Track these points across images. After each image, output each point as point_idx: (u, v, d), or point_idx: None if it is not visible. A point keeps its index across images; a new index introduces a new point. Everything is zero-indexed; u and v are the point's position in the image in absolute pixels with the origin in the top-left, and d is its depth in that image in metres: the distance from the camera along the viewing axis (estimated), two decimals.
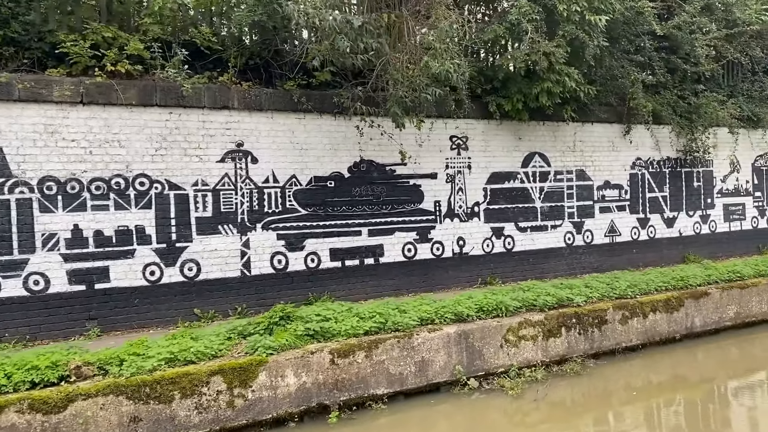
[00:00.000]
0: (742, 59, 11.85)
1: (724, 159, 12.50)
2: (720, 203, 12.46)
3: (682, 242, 11.96)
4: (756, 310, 8.83)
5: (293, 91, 8.14)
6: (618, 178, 11.18)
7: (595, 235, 10.88)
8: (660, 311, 7.88)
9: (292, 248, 8.28)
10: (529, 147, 10.23)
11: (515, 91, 9.42)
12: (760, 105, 12.76)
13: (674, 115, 11.38)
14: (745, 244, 12.77)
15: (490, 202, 9.87)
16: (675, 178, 11.86)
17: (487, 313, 6.92)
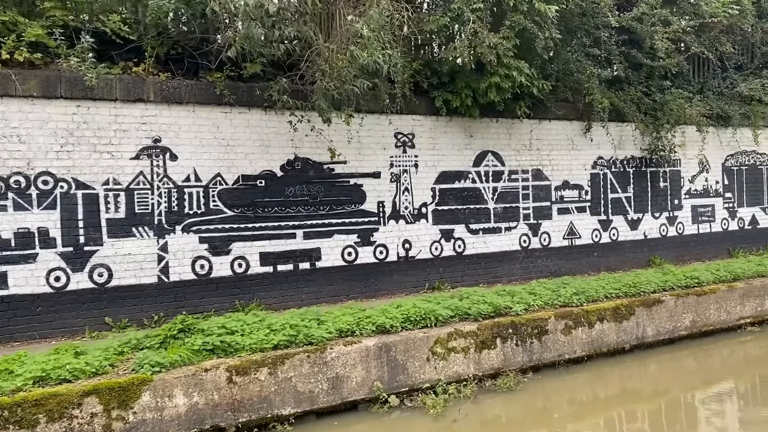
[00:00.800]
0: (709, 54, 11.34)
1: (693, 158, 11.99)
2: (688, 204, 11.95)
3: (647, 245, 11.45)
4: (714, 319, 8.31)
5: (217, 82, 7.55)
6: (578, 178, 10.64)
7: (552, 237, 10.34)
8: (608, 320, 7.34)
9: (217, 252, 7.69)
10: (481, 145, 9.68)
11: (463, 86, 8.86)
12: (730, 103, 12.26)
13: (638, 113, 10.85)
14: (715, 246, 12.27)
15: (438, 203, 9.31)
16: (640, 178, 11.34)
17: (415, 323, 6.36)
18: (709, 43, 12.02)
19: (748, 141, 12.53)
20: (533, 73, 8.95)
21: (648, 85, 11.36)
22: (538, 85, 9.21)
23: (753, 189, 12.77)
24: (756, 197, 12.83)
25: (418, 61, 8.58)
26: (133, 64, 7.34)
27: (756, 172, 12.82)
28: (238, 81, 7.83)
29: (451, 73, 8.93)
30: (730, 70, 12.74)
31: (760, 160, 12.86)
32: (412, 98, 8.68)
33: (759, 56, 13.03)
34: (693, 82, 12.37)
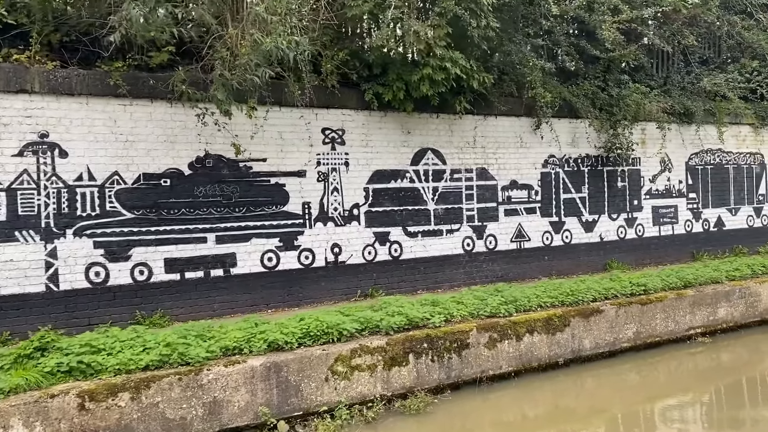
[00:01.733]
0: (668, 47, 10.75)
1: (654, 157, 11.38)
2: (648, 205, 11.35)
3: (603, 248, 10.84)
4: (661, 329, 7.70)
5: (113, 72, 6.87)
6: (527, 177, 10.02)
7: (499, 240, 9.71)
8: (539, 332, 6.71)
9: (115, 258, 7.01)
10: (420, 142, 9.04)
11: (395, 78, 8.20)
12: (693, 98, 11.67)
13: (592, 108, 10.24)
14: (678, 249, 11.69)
15: (372, 204, 8.66)
16: (596, 177, 10.73)
17: (315, 339, 5.72)
18: (671, 35, 11.45)
19: (713, 139, 11.94)
20: (472, 65, 8.31)
21: (605, 80, 10.76)
22: (479, 78, 8.57)
23: (719, 189, 12.20)
24: (722, 198, 12.25)
25: (345, 51, 7.92)
26: (17, 51, 6.66)
27: (722, 172, 12.24)
28: (144, 71, 7.17)
29: (382, 65, 8.28)
30: (695, 65, 12.16)
31: (726, 159, 12.29)
32: (333, 91, 8.01)
33: (725, 50, 12.46)
34: (656, 77, 11.78)
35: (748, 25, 12.27)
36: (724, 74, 11.57)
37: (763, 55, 12.11)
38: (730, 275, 8.78)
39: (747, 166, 12.53)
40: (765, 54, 12.07)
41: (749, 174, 12.56)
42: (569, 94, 10.02)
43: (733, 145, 12.36)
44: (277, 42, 6.00)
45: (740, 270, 8.93)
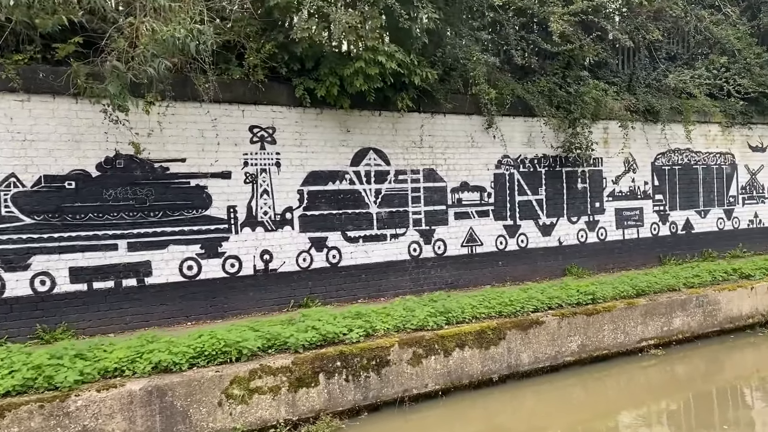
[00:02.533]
0: (629, 42, 10.24)
1: (617, 157, 10.90)
2: (611, 207, 10.85)
3: (562, 253, 10.34)
4: (609, 342, 7.19)
5: (7, 66, 6.30)
6: (479, 178, 9.50)
7: (448, 245, 9.19)
8: (470, 347, 6.18)
9: (11, 267, 6.42)
10: (361, 141, 8.50)
11: (327, 73, 7.67)
12: (658, 96, 11.19)
13: (548, 106, 9.74)
14: (643, 253, 11.19)
15: (307, 208, 8.12)
16: (554, 178, 10.23)
17: (211, 358, 5.18)
18: (635, 29, 10.97)
19: (681, 138, 11.46)
20: (413, 59, 7.79)
21: (564, 76, 10.27)
22: (421, 74, 8.04)
23: (687, 190, 11.71)
24: (691, 199, 11.77)
25: (272, 44, 7.37)
26: None
27: (690, 172, 11.76)
28: (49, 65, 6.60)
29: (315, 58, 7.74)
30: (662, 61, 11.69)
31: (694, 159, 11.81)
32: (262, 86, 7.48)
33: (694, 46, 11.99)
34: (621, 74, 11.30)
35: (717, 19, 11.80)
36: (691, 71, 11.10)
37: (732, 51, 11.66)
38: (688, 282, 8.28)
39: (717, 167, 12.06)
40: (734, 50, 11.61)
41: (719, 175, 12.09)
42: (523, 91, 9.50)
43: (702, 145, 11.88)
44: (174, 31, 5.46)
45: (700, 276, 8.44)
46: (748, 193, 12.40)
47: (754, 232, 12.47)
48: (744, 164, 12.35)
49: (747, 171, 12.39)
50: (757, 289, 8.45)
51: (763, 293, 8.51)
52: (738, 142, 12.29)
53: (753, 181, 12.47)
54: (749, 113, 12.20)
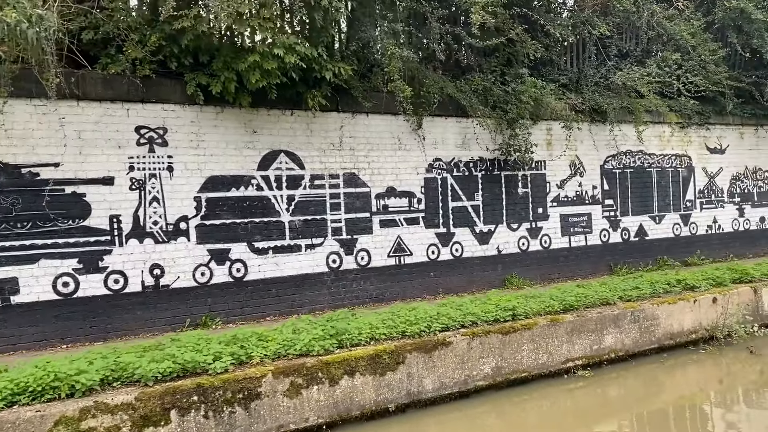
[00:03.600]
0: (570, 36, 9.64)
1: (563, 160, 10.27)
2: (556, 213, 10.21)
3: (501, 262, 9.67)
4: (529, 363, 6.49)
5: None
6: (408, 183, 8.81)
7: (373, 255, 8.49)
8: (362, 373, 5.48)
9: None
10: (270, 143, 7.78)
11: (222, 67, 6.96)
12: (606, 95, 10.58)
13: (482, 106, 9.08)
14: (593, 262, 10.55)
15: (207, 216, 7.39)
16: (492, 183, 9.56)
17: (37, 394, 4.47)
18: (580, 24, 10.37)
19: (633, 140, 10.84)
20: (320, 53, 7.11)
21: (503, 74, 9.64)
22: (333, 69, 7.38)
23: (640, 195, 11.10)
24: (644, 204, 11.16)
25: (158, 35, 6.66)
26: None
27: (644, 176, 11.15)
28: None
29: (210, 51, 7.05)
30: (612, 58, 11.09)
31: (648, 162, 11.20)
32: (145, 83, 6.75)
33: (646, 42, 11.42)
34: (568, 72, 10.69)
35: (670, 14, 11.23)
36: (640, 68, 10.50)
37: (686, 48, 11.08)
38: (626, 295, 7.62)
39: (672, 170, 11.46)
40: (688, 46, 11.04)
41: (675, 178, 11.49)
42: (455, 89, 8.84)
43: (656, 147, 11.28)
44: (4, 15, 4.74)
45: (640, 288, 7.78)
46: (706, 197, 11.81)
47: (712, 238, 11.87)
48: (702, 167, 11.77)
49: (705, 174, 11.80)
50: (700, 301, 7.81)
51: (707, 306, 7.87)
52: (695, 144, 11.71)
53: (711, 185, 11.89)
54: (706, 113, 11.63)
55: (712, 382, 7.21)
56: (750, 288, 8.33)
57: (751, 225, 12.33)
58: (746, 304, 8.24)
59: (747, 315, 8.23)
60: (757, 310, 8.38)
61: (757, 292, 8.37)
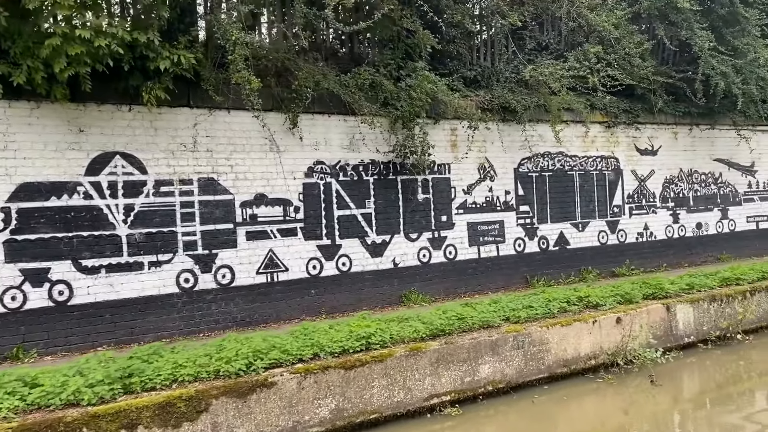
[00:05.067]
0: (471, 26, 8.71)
1: (470, 162, 9.31)
2: (463, 222, 9.23)
3: (399, 276, 8.65)
4: (381, 402, 5.41)
5: None
6: (282, 189, 7.76)
7: (238, 272, 7.41)
8: (148, 426, 4.40)
9: None
10: (102, 144, 6.65)
11: (24, 54, 5.87)
12: (519, 92, 9.66)
13: (370, 102, 8.09)
14: (506, 274, 9.56)
15: (18, 231, 6.23)
16: (386, 189, 8.56)
17: None
18: (490, 14, 9.47)
19: (552, 141, 9.93)
20: (152, 38, 6.06)
21: (400, 67, 8.67)
22: (172, 57, 6.33)
23: (560, 200, 10.17)
24: (564, 210, 10.24)
25: None
26: None
27: (564, 179, 10.23)
28: None
29: (9, 34, 5.95)
30: (532, 51, 10.19)
31: (569, 164, 10.30)
32: None
33: (567, 34, 10.55)
34: (477, 67, 9.75)
35: (592, 4, 10.35)
36: (552, 62, 9.60)
37: (609, 40, 10.22)
38: (514, 316, 6.62)
39: (598, 173, 10.57)
40: (611, 38, 10.17)
41: (601, 181, 10.60)
42: (337, 83, 7.83)
43: (579, 148, 10.38)
44: None
45: (533, 308, 6.80)
46: (636, 202, 10.94)
47: (643, 246, 11.00)
48: (631, 169, 10.89)
49: (635, 177, 10.93)
50: (601, 322, 6.87)
51: (609, 327, 6.93)
52: (623, 145, 10.84)
53: (642, 189, 11.02)
54: (634, 111, 10.76)
55: (600, 421, 6.21)
56: (662, 305, 7.41)
57: (687, 232, 11.49)
58: (657, 323, 7.32)
59: (659, 336, 7.31)
60: (670, 330, 7.47)
61: (670, 310, 7.46)
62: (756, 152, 12.40)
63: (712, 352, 7.66)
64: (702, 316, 7.75)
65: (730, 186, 12.08)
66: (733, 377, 7.17)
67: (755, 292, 8.24)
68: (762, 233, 12.44)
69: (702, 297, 7.76)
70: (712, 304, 7.83)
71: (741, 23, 10.64)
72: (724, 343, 7.82)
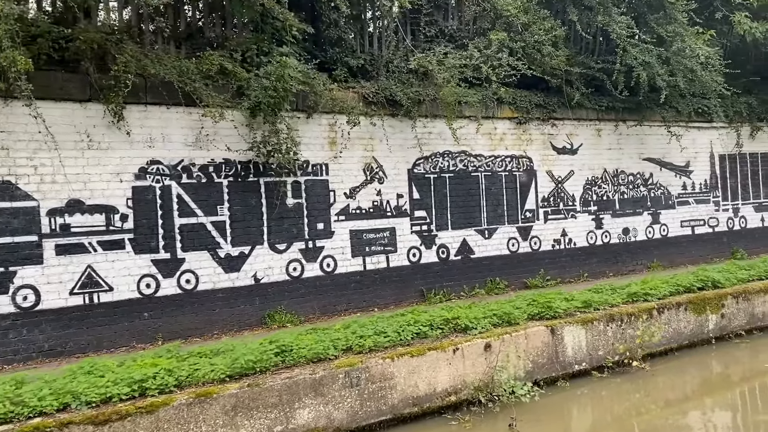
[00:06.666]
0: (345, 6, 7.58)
1: (353, 163, 8.21)
2: (344, 229, 8.10)
3: (262, 294, 7.48)
4: None
5: None
6: (105, 194, 6.52)
7: (45, 293, 6.12)
8: None
9: None
10: None
11: None
12: (408, 84, 8.55)
13: (215, 90, 6.93)
14: (397, 287, 8.36)
15: None
16: (246, 192, 7.38)
17: None
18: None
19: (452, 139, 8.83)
20: None
21: (262, 53, 7.53)
22: None
23: (463, 204, 9.08)
24: (468, 216, 9.14)
25: None
26: None
27: (468, 181, 9.14)
28: None
29: None
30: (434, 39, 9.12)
31: (474, 164, 9.21)
32: None
33: (470, 20, 9.49)
34: (369, 54, 8.65)
35: None
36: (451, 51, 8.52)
37: (517, 27, 9.18)
38: (359, 344, 5.47)
39: (507, 174, 9.50)
40: (518, 24, 9.13)
41: (511, 183, 9.53)
42: (172, 69, 6.66)
43: (485, 147, 9.30)
44: None
45: (385, 334, 5.66)
46: (552, 205, 9.90)
47: (561, 254, 9.95)
48: (546, 170, 9.84)
49: (551, 178, 9.88)
50: (465, 350, 5.75)
51: (476, 356, 5.82)
52: (538, 143, 9.78)
53: (559, 191, 9.98)
54: (549, 106, 9.73)
55: None
56: (545, 328, 6.34)
57: (612, 238, 10.48)
58: (538, 349, 6.25)
59: (541, 364, 6.24)
60: (556, 357, 6.40)
61: (555, 333, 6.39)
62: (691, 151, 11.45)
63: (608, 381, 6.60)
64: (597, 339, 6.69)
65: (662, 188, 11.09)
66: (623, 414, 6.11)
67: (664, 309, 7.20)
68: (698, 239, 11.49)
69: (598, 317, 6.70)
70: (610, 325, 6.78)
71: (666, 8, 9.65)
72: (622, 369, 6.77)
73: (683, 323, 7.41)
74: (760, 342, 8.00)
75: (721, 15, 10.58)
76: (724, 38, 11.17)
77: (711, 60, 9.85)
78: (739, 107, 11.72)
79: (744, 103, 11.77)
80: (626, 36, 9.08)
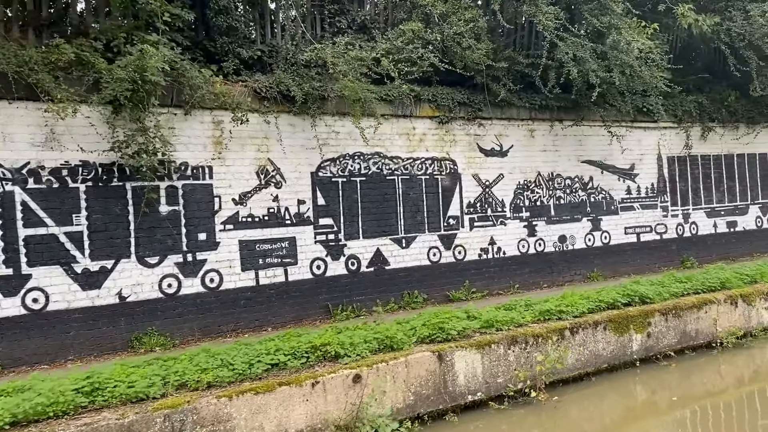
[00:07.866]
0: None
1: (245, 165, 7.39)
2: (232, 240, 7.25)
3: (128, 314, 6.57)
4: None
5: None
6: None
7: None
8: None
9: None
10: None
11: None
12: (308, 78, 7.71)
13: (67, 83, 6.08)
14: (298, 304, 7.50)
15: None
16: (108, 199, 6.47)
17: None
18: None
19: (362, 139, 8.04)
20: None
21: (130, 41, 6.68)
22: None
23: (376, 211, 8.26)
24: (383, 223, 8.32)
25: None
26: None
27: (383, 186, 8.32)
28: None
29: None
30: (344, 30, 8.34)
31: (389, 167, 8.40)
32: None
33: (384, 10, 8.70)
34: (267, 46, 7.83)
35: None
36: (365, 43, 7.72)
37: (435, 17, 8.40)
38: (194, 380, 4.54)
39: (428, 177, 8.70)
40: (435, 14, 8.35)
41: (432, 188, 8.72)
42: (12, 59, 5.78)
43: (403, 148, 8.49)
44: None
45: (232, 366, 4.80)
46: (479, 212, 9.11)
47: (489, 264, 9.16)
48: (472, 173, 9.04)
49: (477, 182, 9.09)
50: (327, 383, 4.91)
51: (342, 389, 4.96)
52: (462, 144, 8.98)
53: (487, 196, 9.20)
54: (475, 104, 8.95)
55: None
56: (431, 353, 5.54)
57: (547, 246, 9.71)
58: (422, 378, 5.44)
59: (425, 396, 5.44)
60: (444, 386, 5.59)
61: (443, 359, 5.58)
62: (636, 152, 10.73)
63: (508, 413, 5.80)
64: (495, 364, 5.89)
65: (603, 192, 10.36)
66: None
67: (578, 329, 6.43)
68: (644, 246, 10.76)
69: (497, 339, 5.90)
70: (512, 348, 5.99)
71: None
72: (525, 400, 5.97)
73: (602, 344, 6.64)
74: (691, 363, 7.26)
75: (665, 7, 9.85)
76: (670, 33, 10.45)
77: (651, 54, 9.11)
78: (688, 106, 11.02)
79: (693, 102, 11.07)
80: (553, 28, 8.32)
